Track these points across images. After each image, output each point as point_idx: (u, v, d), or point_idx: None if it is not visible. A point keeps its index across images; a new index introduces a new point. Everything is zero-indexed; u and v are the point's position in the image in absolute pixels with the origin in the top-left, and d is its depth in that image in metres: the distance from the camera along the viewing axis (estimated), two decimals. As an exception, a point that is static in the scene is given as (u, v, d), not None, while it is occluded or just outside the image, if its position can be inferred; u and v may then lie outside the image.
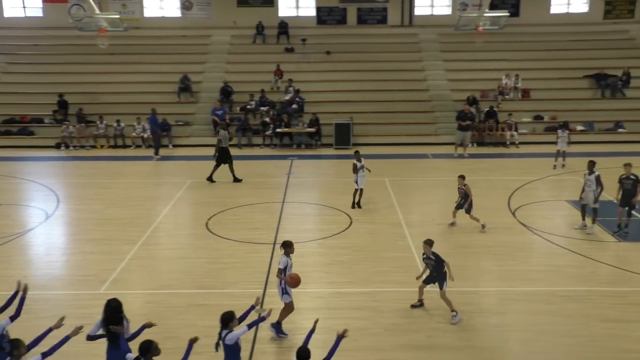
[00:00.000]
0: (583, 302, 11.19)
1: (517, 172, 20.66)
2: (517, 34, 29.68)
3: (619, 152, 22.38)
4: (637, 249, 13.87)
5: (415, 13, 31.75)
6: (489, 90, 27.61)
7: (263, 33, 30.94)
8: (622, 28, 30.96)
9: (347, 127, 25.10)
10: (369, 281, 12.19)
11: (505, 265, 12.93)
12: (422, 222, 15.92)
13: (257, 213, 16.70)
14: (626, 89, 27.32)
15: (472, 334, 10.15)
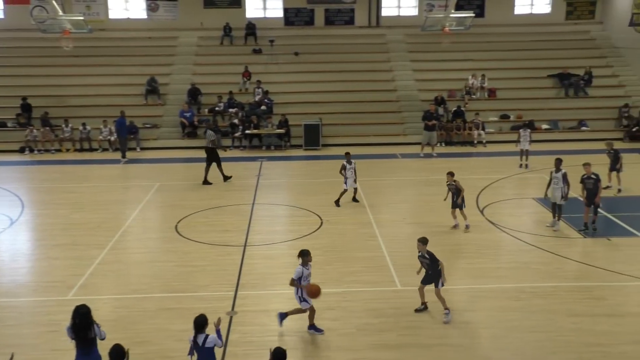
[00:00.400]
0: (550, 297, 11.40)
1: (485, 171, 20.94)
2: (482, 34, 30.10)
3: (583, 150, 22.83)
4: (601, 244, 14.18)
5: (382, 14, 31.94)
6: (456, 90, 27.92)
7: (230, 34, 30.79)
8: (583, 29, 31.62)
9: (316, 128, 25.13)
10: (340, 281, 12.23)
11: (475, 262, 13.10)
12: (392, 221, 16.03)
13: (227, 215, 16.61)
14: (588, 88, 27.91)
15: (443, 331, 10.25)
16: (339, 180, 19.48)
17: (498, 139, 25.43)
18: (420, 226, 15.56)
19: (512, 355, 9.59)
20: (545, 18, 32.02)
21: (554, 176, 14.83)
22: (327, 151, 24.70)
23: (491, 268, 12.90)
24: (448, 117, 26.06)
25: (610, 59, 29.77)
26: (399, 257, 13.37)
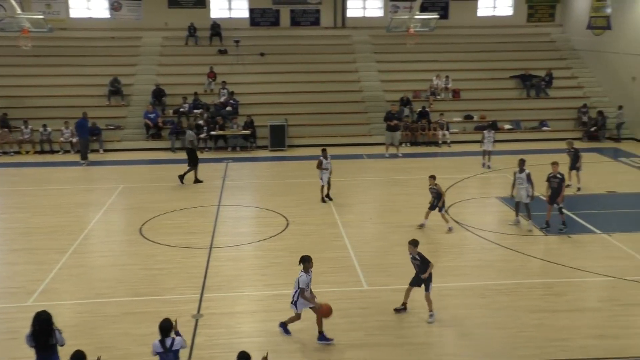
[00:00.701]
0: (513, 294, 11.59)
1: (449, 171, 21.17)
2: (446, 35, 30.44)
3: (544, 150, 23.29)
4: (562, 241, 14.46)
5: (348, 15, 32.06)
6: (421, 91, 28.18)
7: (195, 35, 30.52)
8: (544, 31, 32.25)
9: (282, 128, 25.08)
10: (307, 282, 12.20)
11: (440, 261, 13.19)
12: (359, 222, 16.09)
13: (192, 217, 16.45)
14: (549, 89, 28.45)
15: (410, 330, 10.34)
16: (304, 181, 19.55)
17: (462, 139, 25.75)
18: (386, 226, 15.68)
19: (477, 351, 9.72)
20: (507, 20, 32.55)
21: (518, 176, 15.04)
22: (293, 152, 24.68)
23: (456, 266, 13.05)
24: (413, 118, 26.28)
25: (569, 61, 30.41)
26: (365, 257, 13.44)
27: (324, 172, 17.38)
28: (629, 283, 12.02)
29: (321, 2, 31.58)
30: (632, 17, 25.93)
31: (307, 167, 21.91)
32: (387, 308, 11.06)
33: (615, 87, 27.48)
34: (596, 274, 12.48)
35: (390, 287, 11.99)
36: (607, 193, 18.40)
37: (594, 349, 9.64)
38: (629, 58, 26.09)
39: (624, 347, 9.67)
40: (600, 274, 12.45)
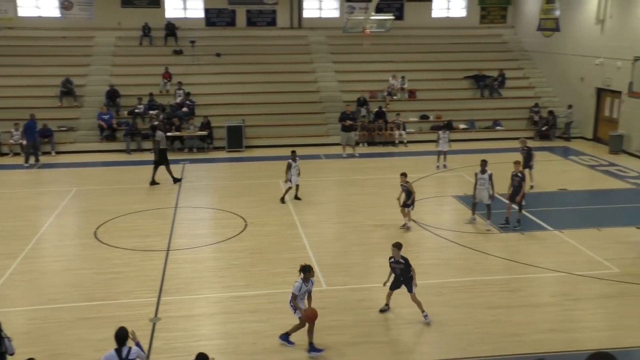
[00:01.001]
0: (469, 291, 11.80)
1: (406, 170, 21.27)
2: (402, 36, 30.77)
3: (498, 149, 23.79)
4: (516, 239, 14.79)
5: (304, 15, 32.09)
6: (377, 91, 28.42)
7: (150, 35, 30.07)
8: (496, 32, 32.92)
9: (239, 129, 24.94)
10: (266, 283, 12.19)
11: (398, 260, 13.35)
12: (317, 222, 16.13)
13: (148, 220, 16.20)
14: (502, 89, 29.06)
15: (369, 329, 10.41)
16: (262, 181, 19.52)
17: (418, 138, 26.07)
18: (345, 226, 15.76)
19: (435, 349, 9.86)
20: (461, 21, 33.12)
21: (480, 177, 15.20)
22: (250, 153, 24.57)
23: (414, 265, 13.17)
24: (370, 118, 26.48)
25: (521, 62, 31.12)
26: (324, 257, 13.47)
27: (293, 174, 17.39)
28: (579, 278, 12.38)
29: (277, 3, 31.54)
30: (579, 20, 26.70)
31: (265, 168, 21.90)
32: (345, 307, 11.13)
33: (564, 87, 28.24)
34: (549, 270, 12.81)
35: (349, 286, 12.07)
36: (559, 191, 18.90)
37: (546, 343, 9.89)
38: (577, 59, 26.86)
39: (574, 341, 9.96)
40: (552, 270, 12.79)
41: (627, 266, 12.87)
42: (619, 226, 15.47)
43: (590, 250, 13.80)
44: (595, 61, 25.34)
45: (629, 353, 9.68)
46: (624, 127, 24.24)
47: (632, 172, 21.10)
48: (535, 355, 9.29)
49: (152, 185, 19.39)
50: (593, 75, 25.80)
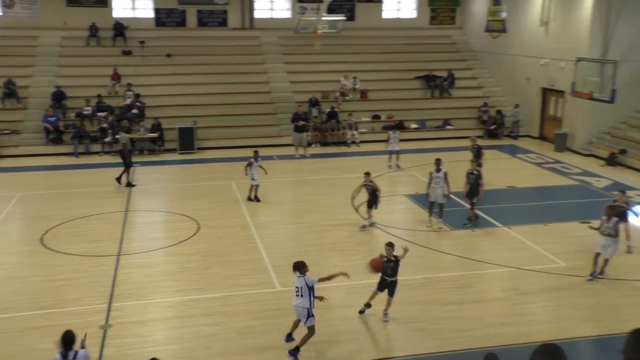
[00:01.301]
0: (423, 289, 11.97)
1: (359, 170, 21.31)
2: (353, 37, 30.95)
3: (448, 148, 24.21)
4: (467, 236, 15.07)
5: (256, 16, 31.94)
6: (329, 92, 28.53)
7: (97, 35, 29.40)
8: (445, 33, 33.49)
9: (191, 131, 24.64)
10: (220, 286, 12.09)
11: (351, 260, 13.43)
12: (271, 223, 16.08)
13: (98, 224, 15.82)
14: (451, 89, 29.58)
15: (323, 329, 10.41)
16: (215, 183, 19.36)
17: (370, 138, 26.28)
18: (299, 226, 15.77)
19: (391, 346, 9.97)
20: (411, 22, 33.54)
21: (435, 176, 15.35)
22: (202, 154, 24.29)
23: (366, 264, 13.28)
24: (322, 118, 26.56)
25: (470, 62, 31.74)
26: (278, 259, 13.44)
27: (254, 173, 17.45)
28: (527, 272, 12.71)
29: (228, 3, 31.30)
30: (524, 22, 27.41)
31: (218, 170, 21.72)
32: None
33: (511, 87, 28.94)
34: (498, 265, 13.10)
35: (303, 287, 12.05)
36: (507, 188, 19.35)
37: (497, 337, 10.11)
38: (523, 59, 27.56)
39: (523, 334, 10.21)
40: (502, 265, 13.09)
41: (572, 260, 13.28)
42: (564, 221, 15.95)
43: (537, 246, 14.18)
44: (540, 62, 26.06)
45: (575, 344, 9.98)
46: (568, 125, 25.00)
47: (576, 168, 21.79)
48: (486, 350, 9.46)
49: (128, 186, 19.10)
50: (538, 76, 26.52)
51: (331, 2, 25.42)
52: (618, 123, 24.21)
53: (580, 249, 13.85)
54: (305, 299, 9.41)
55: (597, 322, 10.66)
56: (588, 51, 22.88)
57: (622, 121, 24.17)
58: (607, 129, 24.29)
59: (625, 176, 20.64)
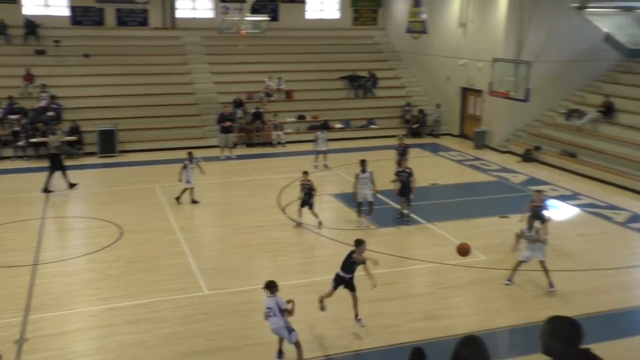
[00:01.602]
0: (350, 287, 12.05)
1: (285, 170, 21.55)
2: (277, 37, 30.89)
3: (373, 147, 24.59)
4: (392, 233, 15.35)
5: (178, 15, 31.31)
6: (254, 92, 28.37)
7: (6, 33, 27.96)
8: (368, 34, 33.97)
9: (112, 133, 23.89)
10: (144, 292, 11.78)
11: (278, 260, 13.42)
12: (197, 226, 15.85)
13: (11, 233, 15.06)
14: (375, 89, 30.05)
15: (253, 331, 10.36)
16: (138, 187, 18.94)
17: (296, 139, 26.33)
18: (225, 228, 15.61)
19: (318, 345, 9.99)
20: (334, 23, 33.82)
21: (361, 176, 15.47)
22: (124, 157, 23.59)
23: (295, 264, 13.32)
24: (247, 119, 26.38)
25: (392, 62, 32.33)
26: (204, 262, 13.26)
27: (189, 175, 17.20)
28: (450, 267, 13.07)
29: (149, 2, 30.53)
30: (444, 23, 28.19)
31: (141, 173, 21.18)
32: (228, 311, 11.02)
33: (432, 87, 29.70)
34: (423, 261, 13.41)
35: (231, 289, 11.96)
36: (430, 185, 19.83)
37: (422, 331, 10.35)
38: (443, 60, 28.34)
39: (448, 327, 10.49)
40: (426, 261, 13.41)
41: (492, 253, 13.77)
42: (484, 216, 16.52)
43: (459, 241, 14.52)
44: (459, 62, 26.87)
45: (496, 334, 10.35)
46: (486, 123, 25.92)
47: (494, 165, 22.61)
48: (413, 345, 9.65)
49: (72, 188, 18.48)
50: (458, 75, 27.33)
51: (254, 2, 25.24)
52: (533, 121, 25.31)
53: (500, 243, 14.36)
54: (278, 318, 9.10)
55: (515, 312, 11.09)
56: (503, 52, 23.78)
57: (536, 119, 25.28)
58: (522, 126, 25.35)
59: (540, 172, 21.60)
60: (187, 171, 17.24)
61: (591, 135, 22.42)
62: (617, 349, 9.59)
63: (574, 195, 18.54)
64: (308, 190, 15.39)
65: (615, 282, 12.35)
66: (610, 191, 19.01)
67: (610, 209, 17.21)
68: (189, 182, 17.27)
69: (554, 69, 24.27)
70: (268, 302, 9.16)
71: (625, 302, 11.47)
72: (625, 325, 10.64)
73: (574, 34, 21.75)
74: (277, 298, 9.16)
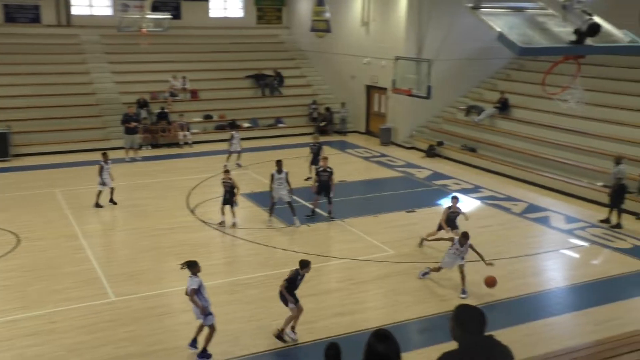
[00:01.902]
0: (262, 286, 12.03)
1: (193, 171, 21.15)
2: (181, 36, 30.26)
3: (282, 145, 24.63)
4: (304, 231, 15.39)
5: (73, 12, 29.93)
6: (158, 92, 27.65)
7: None
8: (273, 32, 33.94)
9: (4, 137, 22.50)
10: (45, 302, 11.20)
11: (189, 263, 13.15)
12: (102, 230, 15.28)
13: None
14: (281, 88, 30.08)
15: (163, 336, 10.11)
16: (36, 192, 18.07)
17: (203, 139, 25.92)
18: (132, 232, 15.12)
19: (232, 347, 9.89)
20: (239, 22, 33.54)
21: (277, 177, 15.36)
22: (19, 162, 22.28)
23: (206, 266, 12.93)
24: (152, 120, 25.69)
25: (298, 61, 32.48)
26: (111, 267, 12.80)
27: (105, 177, 16.83)
28: (361, 262, 13.31)
29: (41, -2, 29.04)
30: (347, 22, 28.63)
31: (38, 177, 20.17)
32: (137, 317, 10.68)
33: (338, 85, 30.09)
34: (334, 258, 13.58)
35: (139, 295, 11.60)
36: (339, 182, 20.05)
37: (336, 326, 10.46)
38: (347, 58, 28.78)
39: (360, 321, 10.67)
40: (337, 257, 13.58)
41: (400, 247, 14.14)
42: (392, 211, 16.93)
43: (369, 236, 14.89)
44: (363, 60, 27.38)
45: (405, 326, 10.61)
46: (391, 120, 26.59)
47: (400, 161, 23.24)
48: (326, 341, 9.74)
49: None
50: (362, 74, 27.85)
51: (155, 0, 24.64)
52: (434, 117, 26.23)
53: (406, 237, 14.78)
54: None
55: (424, 304, 11.44)
56: (405, 50, 24.44)
57: (438, 115, 26.22)
58: (425, 122, 26.21)
59: (443, 166, 22.42)
60: (103, 172, 16.79)
61: (489, 130, 23.53)
62: (517, 334, 10.11)
63: (475, 189, 19.37)
64: (230, 188, 15.30)
65: (515, 270, 13.00)
66: (508, 183, 20.03)
67: (508, 200, 18.12)
68: (103, 185, 16.85)
69: (453, 66, 25.25)
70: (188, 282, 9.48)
71: (525, 289, 12.10)
72: (525, 312, 11.22)
73: (470, 33, 22.62)
74: (191, 279, 9.45)
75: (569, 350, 8.04)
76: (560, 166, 19.77)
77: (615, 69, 22.16)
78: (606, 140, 19.53)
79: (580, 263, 12.40)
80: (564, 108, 10.15)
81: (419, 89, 22.77)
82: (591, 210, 17.09)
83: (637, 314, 11.05)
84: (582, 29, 6.24)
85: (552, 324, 10.72)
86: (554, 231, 15.59)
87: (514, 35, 6.55)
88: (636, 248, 14.42)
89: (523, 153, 21.27)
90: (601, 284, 12.38)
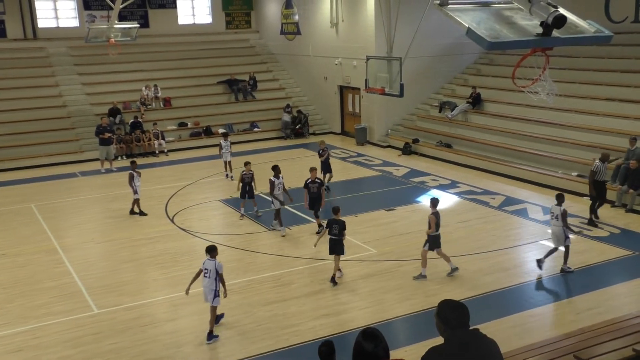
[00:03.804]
0: (245, 291, 12.01)
1: (171, 180, 21.02)
2: (150, 44, 30.09)
3: (257, 150, 24.60)
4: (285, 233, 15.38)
5: (39, 25, 29.59)
6: (131, 102, 27.42)
7: None
8: (242, 37, 33.86)
9: (-25, 153, 22.19)
10: (27, 318, 11.05)
11: (170, 272, 13.09)
12: (80, 243, 15.09)
13: None
14: (255, 92, 30.04)
15: (148, 346, 10.03)
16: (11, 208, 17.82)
17: (179, 146, 25.78)
18: (111, 244, 14.98)
19: (218, 354, 9.86)
20: (207, 28, 33.41)
21: (277, 182, 15.22)
22: (-9, 178, 21.97)
23: (187, 274, 12.91)
24: (126, 130, 25.46)
25: (269, 65, 32.45)
26: (92, 280, 12.67)
27: (137, 185, 16.85)
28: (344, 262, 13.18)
29: (4, 12, 28.59)
30: (316, 24, 28.70)
31: (12, 193, 19.90)
32: (121, 329, 10.59)
33: (311, 87, 30.15)
34: (316, 259, 13.57)
35: (122, 306, 11.51)
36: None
37: (322, 328, 10.47)
38: (319, 60, 28.85)
39: (346, 321, 10.69)
40: (319, 259, 13.56)
41: (381, 246, 14.22)
42: (371, 211, 17.00)
43: (350, 236, 14.82)
44: (334, 61, 27.47)
45: (390, 323, 10.66)
46: (366, 120, 26.71)
47: (377, 160, 23.36)
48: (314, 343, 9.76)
49: None
50: (335, 74, 27.94)
51: (122, 9, 24.36)
52: (409, 115, 26.42)
53: (388, 235, 14.88)
54: (211, 280, 10.11)
55: (408, 301, 11.50)
56: (376, 50, 24.57)
57: (412, 113, 26.41)
58: (400, 120, 26.38)
59: (420, 163, 22.58)
60: (134, 181, 16.78)
61: (463, 125, 23.78)
62: (502, 326, 10.22)
63: (452, 184, 19.55)
64: (250, 180, 16.00)
65: (496, 263, 13.14)
66: (485, 177, 20.24)
67: (486, 194, 18.32)
68: (137, 193, 16.89)
69: (424, 64, 25.46)
70: (207, 264, 10.15)
71: (506, 282, 12.24)
72: (508, 304, 11.35)
73: (439, 29, 22.88)
74: (216, 262, 10.15)
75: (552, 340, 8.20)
76: (534, 158, 20.06)
77: (584, 59, 22.58)
78: (578, 130, 19.87)
79: (560, 253, 12.57)
80: (535, 100, 10.26)
81: (391, 88, 22.86)
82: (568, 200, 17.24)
83: (615, 302, 11.25)
84: (548, 22, 6.36)
85: (535, 315, 10.86)
86: (533, 223, 15.79)
87: (482, 30, 6.65)
88: (613, 236, 14.69)
89: (498, 146, 21.53)
90: (581, 273, 12.59)
